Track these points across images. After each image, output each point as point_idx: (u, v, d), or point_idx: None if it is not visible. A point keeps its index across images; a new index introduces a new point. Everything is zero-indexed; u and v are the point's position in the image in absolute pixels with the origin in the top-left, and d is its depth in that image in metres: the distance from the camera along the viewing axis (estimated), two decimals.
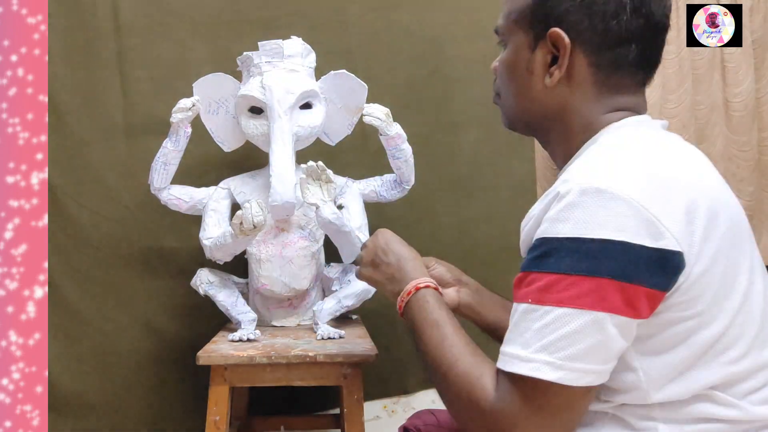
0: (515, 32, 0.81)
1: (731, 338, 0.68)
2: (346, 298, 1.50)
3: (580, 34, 0.74)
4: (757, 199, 2.11)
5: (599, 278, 0.63)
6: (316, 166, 1.38)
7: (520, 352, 0.66)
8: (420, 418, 1.15)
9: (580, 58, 0.75)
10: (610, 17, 0.73)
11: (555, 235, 0.66)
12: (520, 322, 0.68)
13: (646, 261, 0.64)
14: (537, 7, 0.77)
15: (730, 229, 0.70)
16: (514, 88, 0.83)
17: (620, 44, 0.74)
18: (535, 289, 0.67)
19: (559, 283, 0.65)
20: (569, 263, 0.65)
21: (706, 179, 0.73)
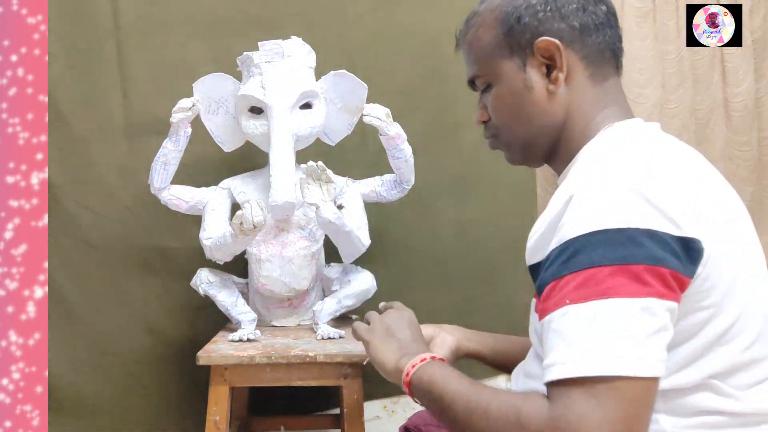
0: (497, 66, 0.84)
1: (738, 329, 0.68)
2: (346, 298, 1.50)
3: (563, 35, 0.79)
4: (757, 199, 2.11)
5: (636, 265, 0.61)
6: (316, 166, 1.38)
7: (570, 355, 0.61)
8: (421, 418, 1.15)
9: (571, 55, 0.80)
10: (581, 12, 0.79)
11: (580, 233, 0.64)
12: (560, 329, 0.63)
13: (673, 247, 0.63)
14: (512, 33, 0.81)
15: (734, 222, 0.71)
16: (518, 114, 0.84)
17: (596, 31, 0.80)
18: (572, 289, 0.63)
19: (597, 275, 0.62)
20: (602, 254, 0.62)
21: (706, 177, 0.75)
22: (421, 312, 1.89)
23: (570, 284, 0.63)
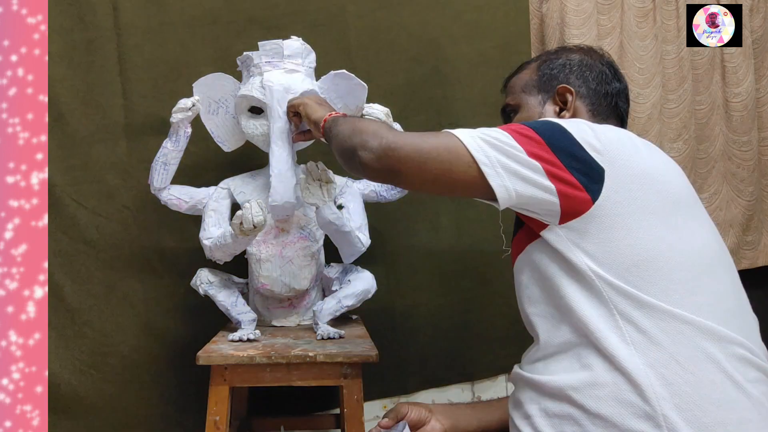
0: (526, 98, 1.08)
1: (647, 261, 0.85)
2: (346, 298, 1.50)
3: (580, 89, 1.05)
4: (757, 199, 2.11)
5: (534, 131, 0.89)
6: (316, 166, 1.38)
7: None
8: None
9: (580, 104, 1.04)
10: (599, 80, 1.05)
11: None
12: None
13: (576, 153, 0.86)
14: (544, 77, 1.07)
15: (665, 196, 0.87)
16: None
17: (605, 97, 1.05)
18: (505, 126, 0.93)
19: (514, 125, 0.92)
20: (532, 123, 0.92)
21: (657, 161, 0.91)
22: (421, 312, 1.92)
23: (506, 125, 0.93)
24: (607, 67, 1.06)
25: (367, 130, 0.93)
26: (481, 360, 1.88)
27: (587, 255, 0.83)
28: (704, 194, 2.08)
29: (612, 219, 0.82)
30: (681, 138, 2.04)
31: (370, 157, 0.90)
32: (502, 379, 1.93)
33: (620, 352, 0.79)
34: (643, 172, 0.85)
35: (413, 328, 1.85)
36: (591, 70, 1.05)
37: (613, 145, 0.85)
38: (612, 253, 0.82)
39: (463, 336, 1.86)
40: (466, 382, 1.91)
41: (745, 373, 0.78)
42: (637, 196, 0.83)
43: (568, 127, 0.87)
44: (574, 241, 0.84)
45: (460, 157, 0.87)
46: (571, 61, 1.06)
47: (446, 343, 1.86)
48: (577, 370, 0.82)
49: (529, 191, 0.84)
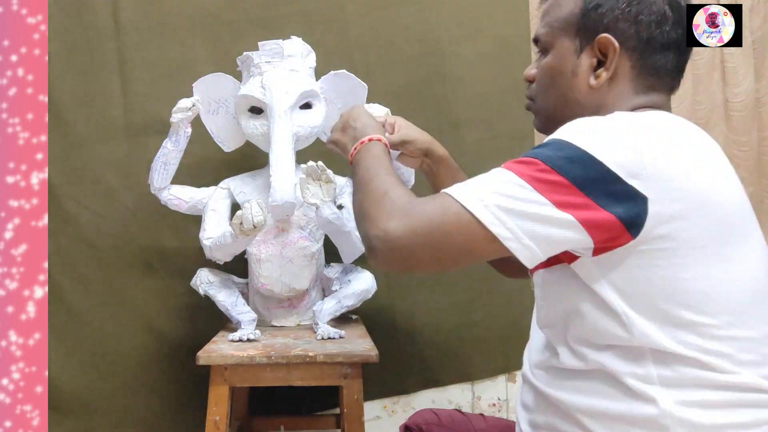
0: (560, 39, 0.87)
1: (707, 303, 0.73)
2: (346, 298, 1.50)
3: (627, 41, 0.82)
4: (757, 199, 2.11)
5: (548, 166, 0.72)
6: (316, 166, 1.38)
7: (464, 187, 0.75)
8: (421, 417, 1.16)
9: (624, 61, 0.83)
10: (655, 27, 0.82)
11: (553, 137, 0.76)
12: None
13: (608, 182, 0.71)
14: (586, 17, 0.84)
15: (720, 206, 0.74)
16: (557, 91, 0.88)
17: (661, 51, 0.82)
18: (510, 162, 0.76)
19: (526, 159, 0.74)
20: (541, 151, 0.74)
21: (713, 169, 0.77)
22: (421, 312, 1.91)
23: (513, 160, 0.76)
24: (669, 6, 0.82)
25: (369, 216, 0.79)
26: (481, 360, 1.88)
27: (620, 293, 0.73)
28: None
29: (653, 255, 0.71)
30: None
31: (379, 260, 0.78)
32: (502, 379, 1.93)
33: (642, 387, 0.72)
34: (695, 196, 0.71)
35: (413, 328, 1.85)
36: (648, 11, 0.81)
37: (660, 163, 0.70)
38: (649, 293, 0.72)
39: (463, 336, 1.86)
40: (466, 382, 1.91)
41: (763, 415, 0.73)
42: (686, 227, 0.70)
43: (596, 150, 0.70)
44: (608, 276, 0.73)
45: (477, 234, 0.72)
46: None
47: (446, 343, 1.86)
48: (592, 395, 0.76)
49: (562, 247, 0.74)
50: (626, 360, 0.74)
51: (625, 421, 0.73)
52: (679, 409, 0.71)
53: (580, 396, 0.77)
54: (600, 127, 0.74)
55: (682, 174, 0.71)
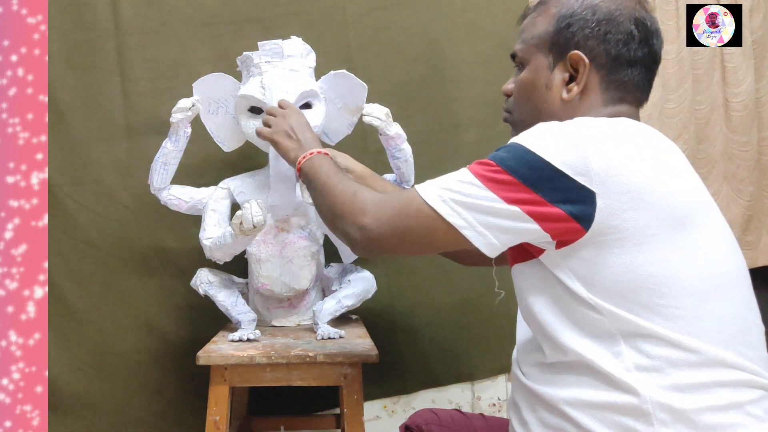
0: (535, 55, 0.93)
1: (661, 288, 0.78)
2: (346, 298, 1.50)
3: (596, 57, 0.88)
4: (757, 198, 2.11)
5: (502, 167, 0.80)
6: None
7: (428, 184, 0.86)
8: (421, 417, 1.16)
9: (593, 76, 0.89)
10: (622, 45, 0.88)
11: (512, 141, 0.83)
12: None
13: (557, 179, 0.78)
14: (559, 35, 0.90)
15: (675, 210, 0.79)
16: (532, 104, 0.94)
17: (629, 66, 0.89)
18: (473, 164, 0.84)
19: (485, 162, 0.83)
20: (500, 154, 0.82)
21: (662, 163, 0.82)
22: (422, 312, 1.91)
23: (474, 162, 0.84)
24: (636, 26, 0.88)
25: (344, 215, 0.92)
26: (481, 360, 1.88)
27: (584, 281, 0.78)
28: None
29: (608, 245, 0.76)
30: (681, 138, 2.04)
31: (357, 250, 0.92)
32: (502, 379, 1.92)
33: (622, 376, 0.76)
34: (642, 187, 0.76)
35: (413, 328, 1.85)
36: (616, 30, 0.87)
37: (605, 160, 0.76)
38: (610, 280, 0.77)
39: (463, 336, 1.86)
40: (466, 382, 1.91)
41: (747, 395, 0.76)
42: (635, 216, 0.76)
43: (545, 151, 0.77)
44: (571, 267, 0.79)
45: (436, 225, 0.83)
46: (594, 17, 0.88)
47: (446, 343, 1.86)
48: (576, 386, 0.80)
49: (516, 238, 0.81)
50: (603, 348, 0.78)
51: (609, 409, 0.77)
52: (658, 394, 0.74)
53: (565, 389, 0.81)
54: (550, 130, 0.81)
55: (629, 168, 0.76)
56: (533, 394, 0.85)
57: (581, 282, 0.79)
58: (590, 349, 0.78)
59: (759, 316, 0.84)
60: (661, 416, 0.74)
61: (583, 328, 0.80)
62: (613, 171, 0.76)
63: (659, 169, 0.79)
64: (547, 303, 0.83)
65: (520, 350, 0.94)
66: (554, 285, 0.82)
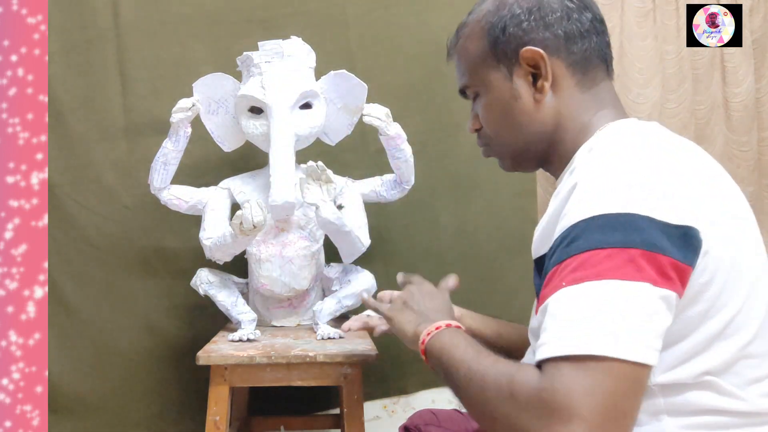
0: (484, 76, 0.85)
1: (738, 325, 0.68)
2: (346, 298, 1.50)
3: (548, 44, 0.80)
4: (757, 198, 2.11)
5: (633, 249, 0.61)
6: (316, 166, 1.38)
7: (561, 333, 0.61)
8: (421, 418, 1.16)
9: (556, 63, 0.80)
10: (565, 20, 0.80)
11: (582, 218, 0.64)
12: (554, 311, 0.62)
13: (671, 235, 0.63)
14: (498, 44, 0.82)
15: (735, 216, 0.72)
16: (508, 123, 0.85)
17: (582, 38, 0.81)
18: (568, 272, 0.62)
19: (594, 257, 0.62)
20: (600, 237, 0.62)
21: (706, 169, 0.74)
22: None
23: (568, 268, 0.63)
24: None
25: (522, 425, 0.61)
26: None
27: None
28: None
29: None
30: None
31: None
32: None
33: (649, 420, 0.68)
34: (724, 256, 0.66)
35: None
36: (551, 10, 0.80)
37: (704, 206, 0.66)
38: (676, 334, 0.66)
39: None
40: None
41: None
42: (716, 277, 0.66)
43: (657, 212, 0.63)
44: None
45: (641, 378, 0.61)
46: (523, 9, 0.81)
47: None
48: None
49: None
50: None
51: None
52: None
53: None
54: (633, 179, 0.66)
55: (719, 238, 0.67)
56: None
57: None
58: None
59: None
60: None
61: None
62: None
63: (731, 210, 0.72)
64: None
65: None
66: None
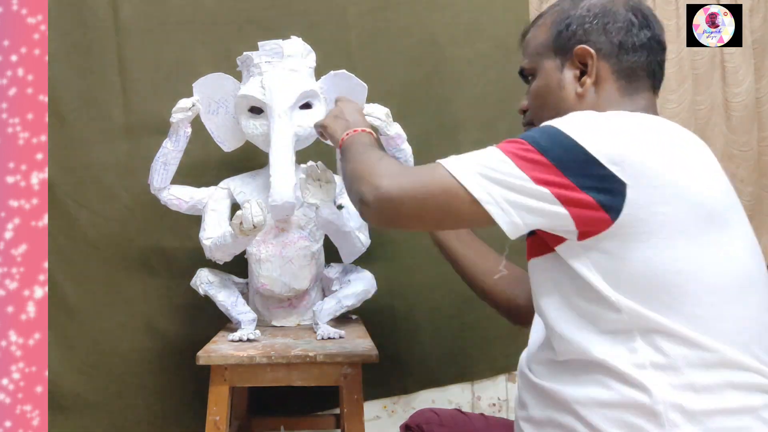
0: (542, 62, 0.95)
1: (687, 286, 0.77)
2: (346, 298, 1.50)
3: (601, 47, 0.90)
4: (757, 198, 2.11)
5: (534, 148, 0.78)
6: (316, 166, 1.38)
7: (454, 158, 0.83)
8: (422, 416, 1.16)
9: (603, 65, 0.90)
10: (624, 31, 0.90)
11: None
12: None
13: (589, 168, 0.76)
14: (560, 37, 0.93)
15: (709, 215, 0.77)
16: (550, 107, 0.94)
17: (634, 52, 0.90)
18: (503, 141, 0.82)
19: (517, 142, 0.80)
20: (531, 134, 0.80)
21: (699, 161, 0.81)
22: (422, 311, 1.91)
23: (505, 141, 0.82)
24: (633, 13, 0.90)
25: (363, 177, 0.87)
26: (481, 360, 1.88)
27: (605, 275, 0.77)
28: None
29: (634, 238, 0.75)
30: None
31: (370, 213, 0.86)
32: (502, 379, 1.93)
33: (635, 374, 0.75)
34: (673, 182, 0.75)
35: (413, 328, 1.85)
36: (614, 20, 0.90)
37: (641, 152, 0.75)
38: (633, 274, 0.76)
39: (463, 336, 1.86)
40: (466, 382, 1.91)
41: (761, 400, 0.76)
42: (665, 211, 0.74)
43: (581, 137, 0.76)
44: (592, 259, 0.78)
45: (459, 197, 0.79)
46: (590, 12, 0.91)
47: (446, 343, 1.86)
48: (587, 385, 0.78)
49: (540, 221, 0.78)
50: (618, 346, 0.77)
51: (620, 408, 0.75)
52: (671, 393, 0.74)
53: (576, 387, 0.79)
54: (588, 117, 0.81)
55: (663, 164, 0.76)
56: (543, 392, 0.84)
57: (602, 275, 0.77)
58: (604, 346, 0.77)
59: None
60: (673, 417, 0.73)
61: (598, 325, 0.78)
62: (648, 164, 0.75)
63: (692, 166, 0.78)
64: (562, 298, 0.82)
65: (531, 348, 0.93)
66: (572, 279, 0.80)
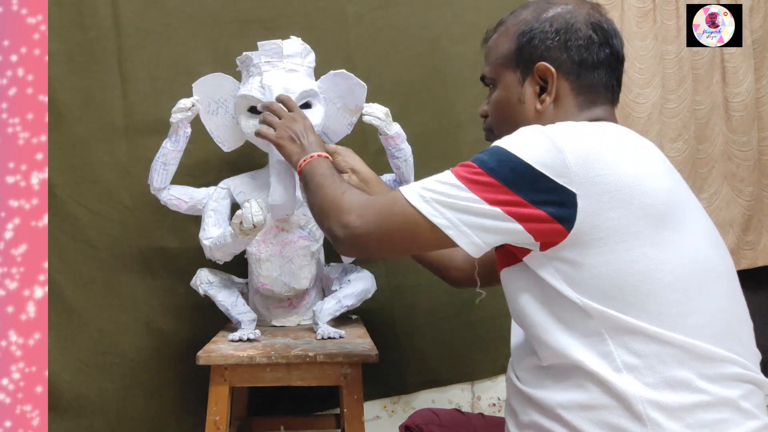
0: (503, 74, 0.97)
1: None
2: (346, 298, 1.50)
3: (562, 65, 0.91)
4: (757, 198, 2.11)
5: (482, 168, 0.83)
6: None
7: (412, 186, 0.87)
8: (421, 416, 1.16)
9: (563, 83, 0.92)
10: (584, 49, 0.91)
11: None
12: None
13: (527, 176, 0.80)
14: (521, 50, 0.94)
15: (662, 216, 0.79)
16: (509, 119, 0.96)
17: (594, 69, 0.92)
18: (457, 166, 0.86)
19: (468, 166, 0.84)
20: (481, 156, 0.84)
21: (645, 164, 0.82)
22: (422, 312, 1.91)
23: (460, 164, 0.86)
24: (593, 30, 0.91)
25: (330, 214, 0.94)
26: (481, 360, 1.88)
27: (569, 281, 0.79)
28: (704, 194, 2.08)
29: (591, 244, 0.77)
30: (681, 138, 2.04)
31: (341, 248, 0.93)
32: (502, 379, 1.92)
33: (611, 377, 0.77)
34: (621, 186, 0.77)
35: (413, 328, 1.85)
36: (575, 37, 0.91)
37: (584, 161, 0.77)
38: (595, 278, 0.78)
39: (463, 336, 1.86)
40: (466, 382, 1.91)
41: (737, 390, 0.77)
42: (617, 216, 0.77)
43: (527, 154, 0.79)
44: (556, 267, 0.80)
45: (421, 225, 0.84)
46: (552, 27, 0.92)
47: (446, 343, 1.86)
48: (569, 389, 0.80)
49: (499, 238, 0.82)
50: (592, 349, 0.79)
51: (601, 410, 0.77)
52: (648, 393, 0.75)
53: (559, 391, 0.81)
54: (530, 133, 0.82)
55: (608, 168, 0.77)
56: (528, 399, 0.85)
57: (567, 282, 0.80)
58: (580, 350, 0.79)
59: (747, 311, 0.85)
60: (653, 415, 0.74)
61: (572, 329, 0.80)
62: (593, 171, 0.77)
63: (638, 168, 0.80)
64: (536, 306, 0.84)
65: (514, 355, 0.95)
66: (541, 287, 0.83)
